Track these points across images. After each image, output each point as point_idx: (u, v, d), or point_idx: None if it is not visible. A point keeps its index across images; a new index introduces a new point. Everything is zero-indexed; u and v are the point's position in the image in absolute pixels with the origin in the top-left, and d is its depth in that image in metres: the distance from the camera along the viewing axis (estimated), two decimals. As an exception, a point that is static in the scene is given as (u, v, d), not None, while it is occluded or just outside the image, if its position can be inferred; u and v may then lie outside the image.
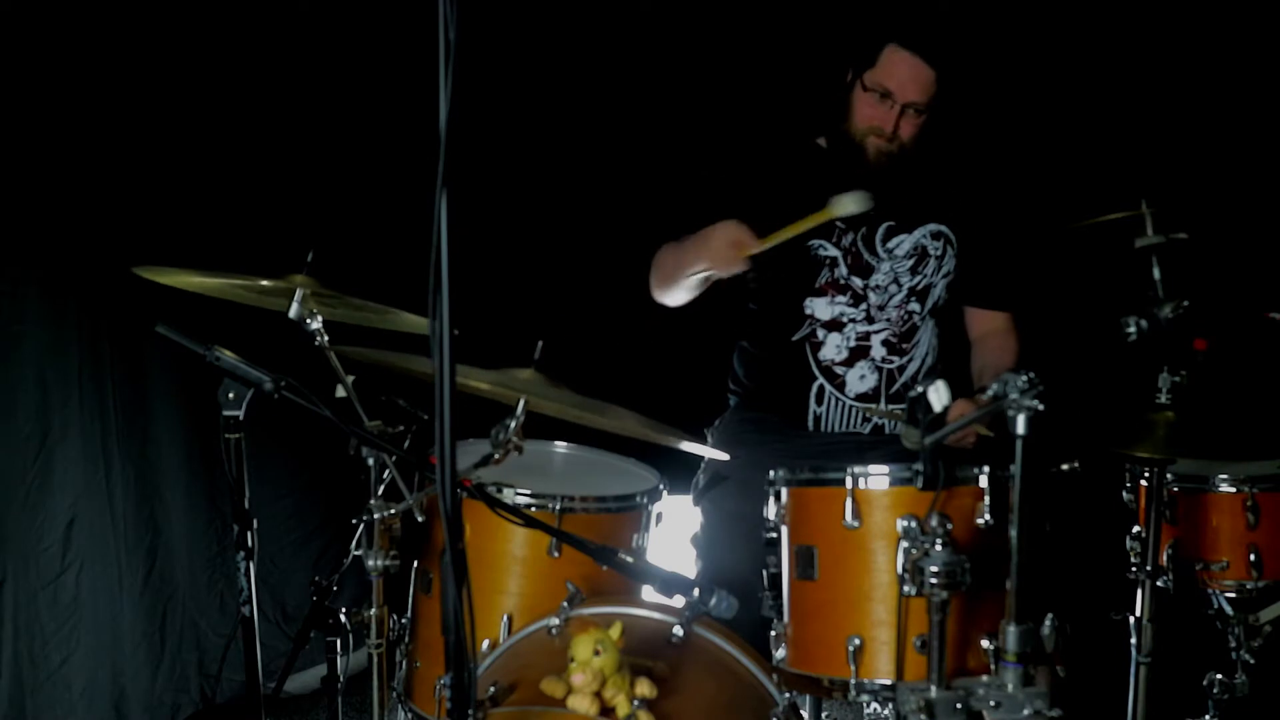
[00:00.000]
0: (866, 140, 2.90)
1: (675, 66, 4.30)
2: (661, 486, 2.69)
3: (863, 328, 2.99)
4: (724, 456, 2.80)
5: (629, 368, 4.11)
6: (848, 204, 2.70)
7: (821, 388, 3.01)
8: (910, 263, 2.98)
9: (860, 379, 3.00)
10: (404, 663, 2.64)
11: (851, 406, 3.00)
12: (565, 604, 2.32)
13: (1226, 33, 3.91)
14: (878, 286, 2.98)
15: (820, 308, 2.99)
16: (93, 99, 3.31)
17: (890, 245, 2.97)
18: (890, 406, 3.00)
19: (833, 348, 2.99)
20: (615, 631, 2.05)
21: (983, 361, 3.03)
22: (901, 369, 3.01)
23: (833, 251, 2.97)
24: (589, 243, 4.39)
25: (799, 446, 3.00)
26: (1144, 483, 2.71)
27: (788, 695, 2.23)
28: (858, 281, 2.97)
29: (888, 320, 2.99)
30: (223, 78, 3.58)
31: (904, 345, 3.00)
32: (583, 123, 4.34)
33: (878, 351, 3.00)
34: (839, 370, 3.00)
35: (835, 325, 2.99)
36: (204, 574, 3.67)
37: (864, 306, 2.98)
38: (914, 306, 3.00)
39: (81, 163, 3.30)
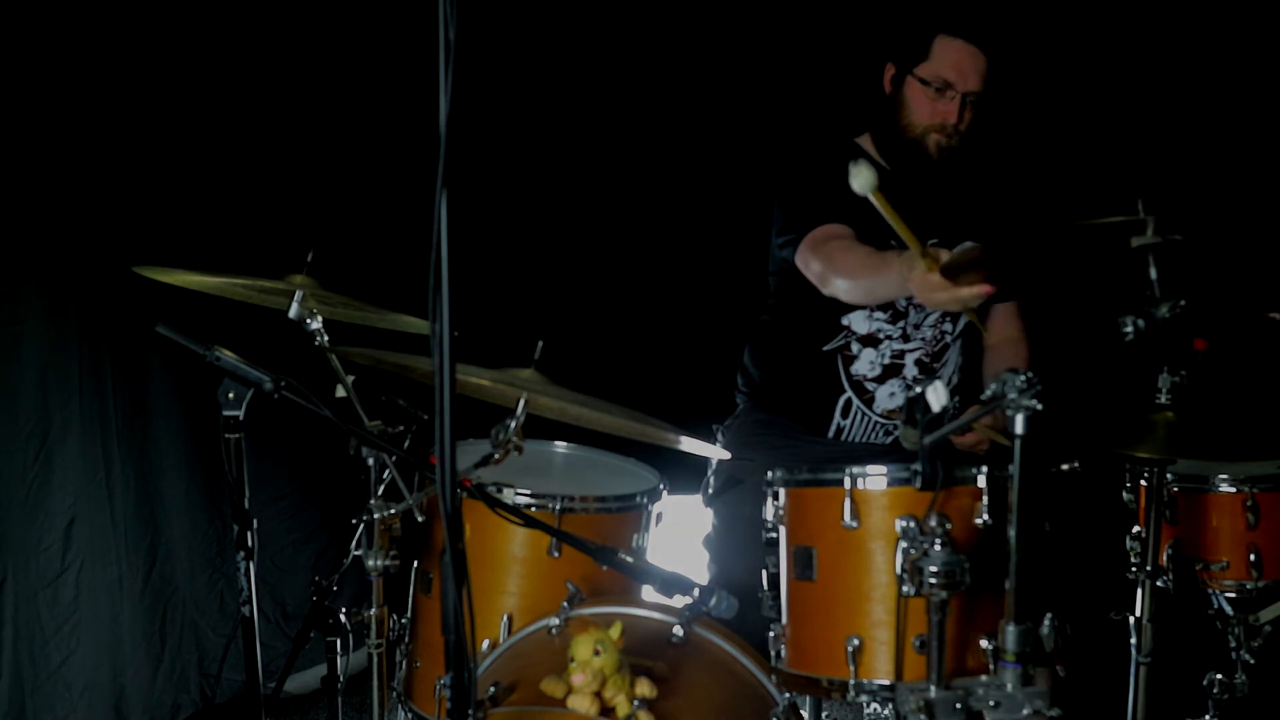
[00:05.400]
0: (928, 137, 2.83)
1: (679, 65, 4.30)
2: (661, 486, 2.69)
3: (898, 345, 2.94)
4: (726, 455, 2.79)
5: (629, 368, 4.12)
6: (864, 176, 2.23)
7: (849, 401, 2.96)
8: None
9: (890, 396, 2.96)
10: (404, 663, 2.64)
11: (876, 422, 2.97)
12: (565, 604, 2.32)
13: (1226, 33, 3.91)
14: (918, 305, 2.89)
15: (858, 321, 2.93)
16: (93, 99, 3.31)
17: None
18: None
19: (866, 363, 2.94)
20: (615, 631, 2.05)
21: (994, 369, 3.01)
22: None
23: None
24: (589, 243, 4.40)
25: (819, 452, 2.98)
26: (1144, 483, 2.71)
27: (788, 695, 2.24)
28: (901, 300, 2.90)
29: (922, 339, 2.95)
30: (222, 77, 3.59)
31: (934, 365, 2.97)
32: (584, 122, 4.34)
33: (910, 370, 2.96)
34: (870, 386, 2.95)
35: (871, 340, 2.93)
36: (204, 574, 3.67)
37: (901, 324, 2.93)
38: (946, 326, 2.96)
39: (81, 163, 3.30)
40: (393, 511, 2.39)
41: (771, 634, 2.25)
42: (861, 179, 2.18)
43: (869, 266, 2.65)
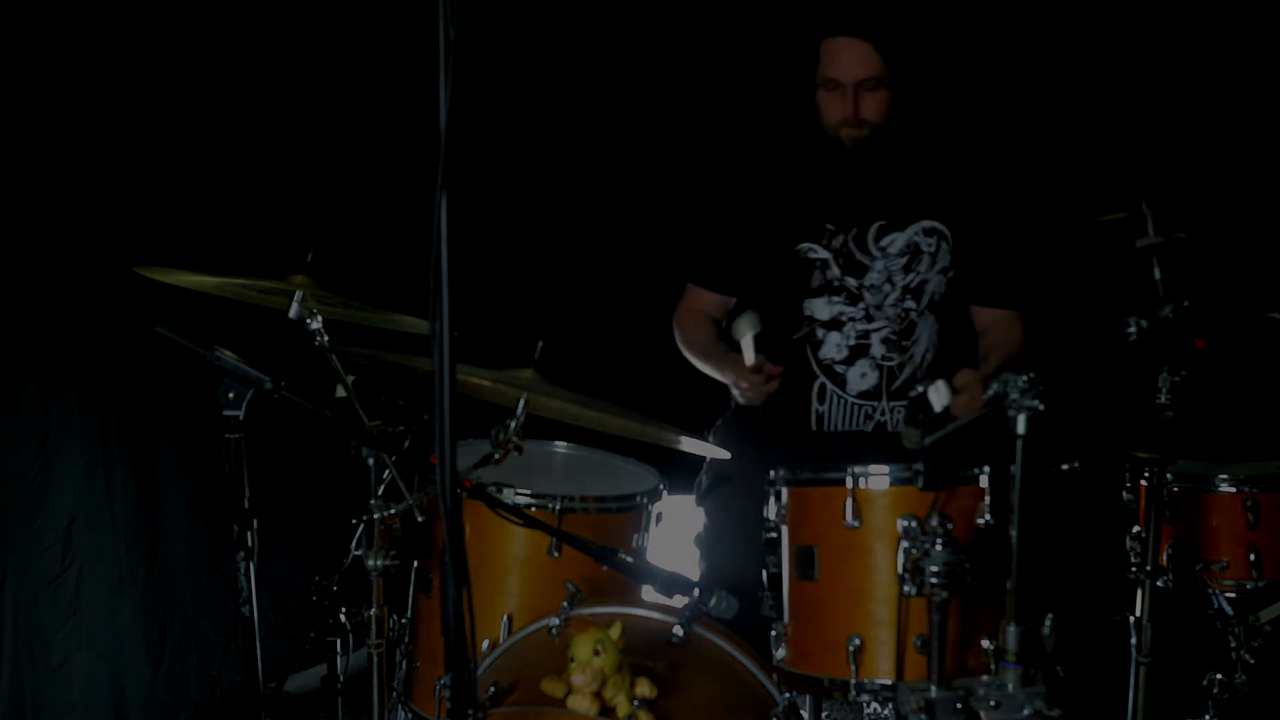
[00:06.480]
0: (840, 133, 2.94)
1: (679, 66, 4.30)
2: (661, 486, 2.69)
3: (862, 326, 3.00)
4: (725, 454, 2.80)
5: (629, 368, 4.11)
6: (743, 327, 2.79)
7: (823, 386, 3.01)
8: (904, 260, 2.99)
9: (861, 377, 3.00)
10: (404, 663, 2.64)
11: (853, 404, 3.01)
12: (565, 604, 2.32)
13: (1226, 33, 3.91)
14: (872, 286, 2.99)
15: (819, 308, 3.00)
16: (93, 98, 3.31)
17: (883, 244, 2.99)
18: (894, 404, 3.02)
19: (833, 346, 3.00)
20: (615, 631, 2.05)
21: (988, 346, 3.06)
22: (901, 366, 3.01)
23: (823, 254, 2.98)
24: (589, 243, 4.40)
25: (803, 446, 3.00)
26: (1144, 483, 2.71)
27: (788, 695, 2.23)
28: (852, 282, 2.98)
29: (886, 318, 2.99)
30: (222, 77, 3.58)
31: (904, 342, 3.01)
32: (584, 122, 4.34)
33: (877, 349, 3.00)
34: (839, 369, 3.01)
35: (835, 324, 3.00)
36: (204, 574, 3.67)
37: (862, 305, 2.99)
38: (910, 304, 3.00)
39: (81, 163, 3.30)
40: (393, 511, 2.39)
41: (772, 633, 2.25)
42: (738, 329, 2.78)
43: (707, 357, 3.07)
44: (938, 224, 3.00)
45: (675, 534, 2.96)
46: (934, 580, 1.88)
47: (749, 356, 2.77)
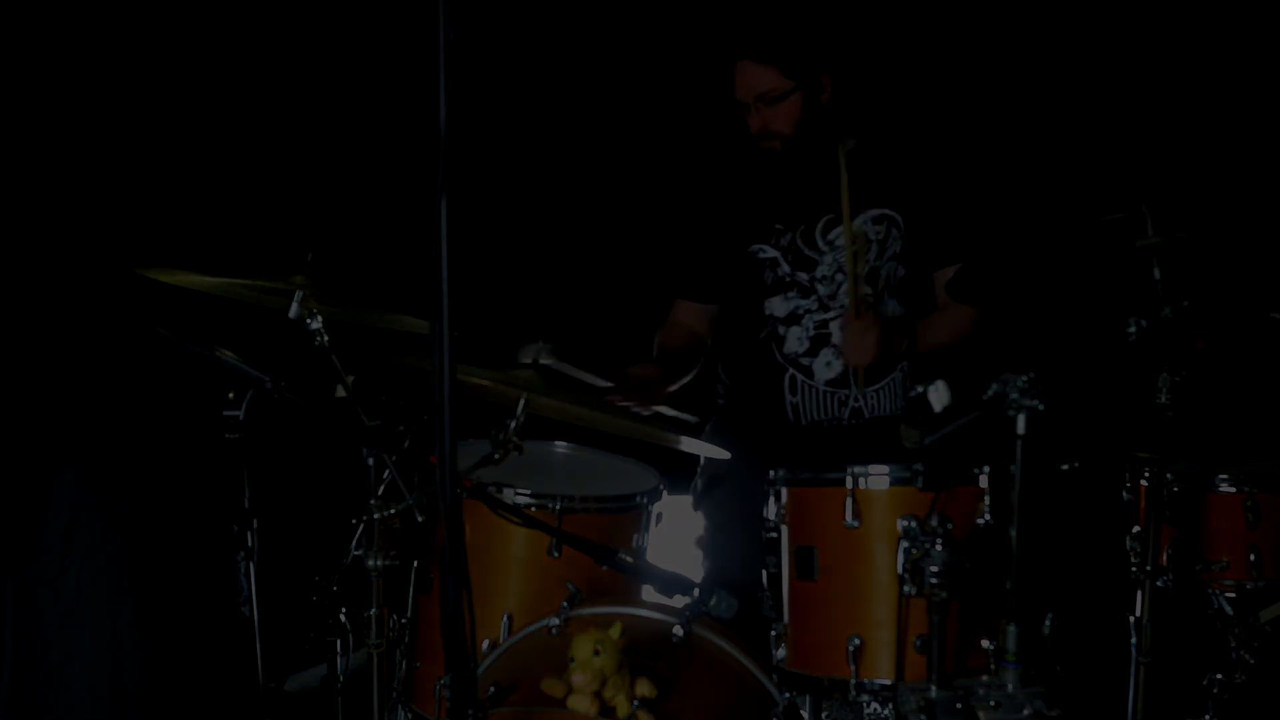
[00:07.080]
0: (761, 145, 3.05)
1: (679, 66, 4.30)
2: (661, 486, 2.69)
3: (819, 316, 3.06)
4: (724, 454, 2.81)
5: (629, 367, 4.11)
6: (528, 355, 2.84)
7: (793, 377, 3.07)
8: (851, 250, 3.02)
9: (826, 365, 3.06)
10: (404, 663, 2.64)
11: (824, 392, 3.06)
12: (565, 604, 2.32)
13: (1226, 33, 3.91)
14: (824, 278, 3.05)
15: (777, 306, 3.08)
16: (93, 99, 3.31)
17: (830, 237, 3.05)
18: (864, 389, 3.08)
19: (794, 340, 3.07)
20: (615, 631, 2.05)
21: (938, 328, 3.09)
22: None
23: (771, 253, 3.07)
24: (589, 244, 4.40)
25: (783, 441, 3.04)
26: (1144, 483, 2.71)
27: (788, 695, 2.24)
28: (803, 276, 3.06)
29: (842, 306, 3.04)
30: (223, 78, 3.59)
31: None
32: (585, 123, 4.34)
33: (838, 337, 3.04)
34: (804, 361, 3.07)
35: (793, 319, 3.07)
36: (204, 574, 3.67)
37: (815, 298, 3.06)
38: (865, 290, 3.02)
39: (81, 163, 3.30)
40: (393, 511, 2.39)
41: (772, 633, 2.25)
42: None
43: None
44: (887, 210, 3.04)
45: (675, 534, 2.96)
46: (934, 580, 1.89)
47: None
